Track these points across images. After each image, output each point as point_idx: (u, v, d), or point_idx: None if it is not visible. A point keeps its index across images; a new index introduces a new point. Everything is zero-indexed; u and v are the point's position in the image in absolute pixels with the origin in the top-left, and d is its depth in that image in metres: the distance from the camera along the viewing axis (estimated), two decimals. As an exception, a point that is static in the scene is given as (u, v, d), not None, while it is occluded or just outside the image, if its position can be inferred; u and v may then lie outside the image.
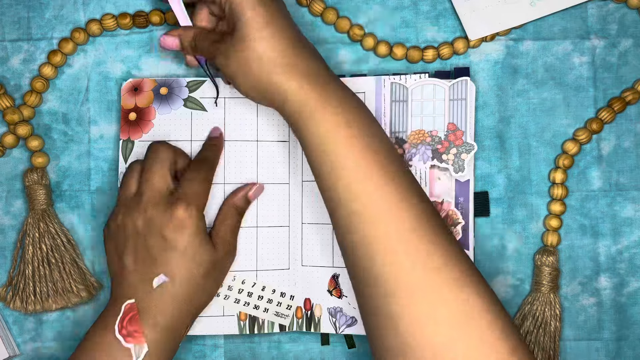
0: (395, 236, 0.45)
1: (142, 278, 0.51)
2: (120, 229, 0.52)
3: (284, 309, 0.57)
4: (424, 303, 0.43)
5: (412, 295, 0.43)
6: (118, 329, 0.50)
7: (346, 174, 0.47)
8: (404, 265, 0.44)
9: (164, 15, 0.59)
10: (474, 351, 0.42)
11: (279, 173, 0.58)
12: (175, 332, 0.51)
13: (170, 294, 0.51)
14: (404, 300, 0.43)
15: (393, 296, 0.44)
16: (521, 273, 0.58)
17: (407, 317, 0.43)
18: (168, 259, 0.51)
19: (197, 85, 0.58)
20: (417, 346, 0.43)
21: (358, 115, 0.48)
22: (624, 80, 0.58)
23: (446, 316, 0.43)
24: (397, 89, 0.58)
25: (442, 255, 0.44)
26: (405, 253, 0.44)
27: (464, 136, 0.57)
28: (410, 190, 0.47)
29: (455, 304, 0.43)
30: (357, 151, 0.47)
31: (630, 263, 0.58)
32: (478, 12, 0.58)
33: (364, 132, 0.48)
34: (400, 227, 0.45)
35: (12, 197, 0.59)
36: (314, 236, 0.58)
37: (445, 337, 0.42)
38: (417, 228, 0.45)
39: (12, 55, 0.60)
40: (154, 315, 0.50)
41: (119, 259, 0.52)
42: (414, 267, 0.44)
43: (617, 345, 0.58)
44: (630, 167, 0.58)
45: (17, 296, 0.58)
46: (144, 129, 0.58)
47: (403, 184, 0.47)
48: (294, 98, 0.49)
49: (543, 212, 0.58)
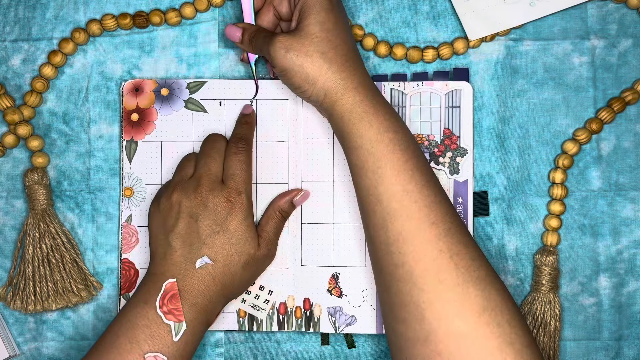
0: (430, 235, 0.48)
1: (187, 258, 0.52)
2: (174, 207, 0.53)
3: (261, 303, 0.58)
4: (451, 297, 0.47)
5: (442, 290, 0.47)
6: (159, 306, 0.51)
7: (389, 175, 0.50)
8: (436, 263, 0.47)
9: (164, 15, 0.59)
10: (492, 342, 0.45)
11: (279, 173, 0.58)
12: (210, 314, 0.53)
13: (212, 276, 0.52)
14: (433, 294, 0.47)
15: (422, 290, 0.47)
16: (521, 273, 0.58)
17: (435, 308, 0.47)
18: (214, 241, 0.52)
19: (198, 87, 0.59)
20: (443, 335, 0.46)
21: (401, 124, 0.52)
22: (624, 80, 0.58)
23: (471, 310, 0.46)
24: (396, 94, 0.58)
25: (470, 255, 0.48)
26: (438, 251, 0.48)
27: (458, 141, 0.57)
28: (443, 193, 0.50)
29: (479, 299, 0.46)
30: (401, 155, 0.50)
31: (629, 263, 0.58)
32: (478, 12, 0.58)
33: (406, 139, 0.51)
34: (435, 227, 0.48)
35: (12, 197, 0.59)
36: (313, 236, 0.58)
37: (468, 328, 0.46)
38: (451, 229, 0.48)
39: (13, 55, 0.60)
40: (195, 295, 0.52)
41: (165, 237, 0.53)
42: (447, 264, 0.47)
43: (617, 345, 0.58)
44: (629, 167, 0.58)
45: (17, 296, 0.58)
46: (147, 129, 0.58)
47: (437, 187, 0.50)
48: (348, 98, 0.51)
49: (543, 212, 0.58)
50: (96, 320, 0.59)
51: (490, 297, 0.47)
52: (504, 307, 0.47)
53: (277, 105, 0.58)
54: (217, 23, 0.60)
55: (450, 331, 0.46)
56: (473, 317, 0.46)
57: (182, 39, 0.60)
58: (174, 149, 0.59)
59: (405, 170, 0.49)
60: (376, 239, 0.50)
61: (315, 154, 0.58)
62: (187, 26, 0.60)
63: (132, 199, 0.58)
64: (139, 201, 0.58)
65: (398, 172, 0.49)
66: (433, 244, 0.48)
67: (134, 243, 0.58)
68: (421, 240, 0.48)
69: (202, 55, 0.60)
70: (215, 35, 0.60)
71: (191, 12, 0.59)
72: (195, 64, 0.60)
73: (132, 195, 0.58)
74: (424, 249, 0.48)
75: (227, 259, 0.53)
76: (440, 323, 0.46)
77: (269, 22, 0.57)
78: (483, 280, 0.47)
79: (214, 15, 0.60)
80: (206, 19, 0.60)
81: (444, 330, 0.46)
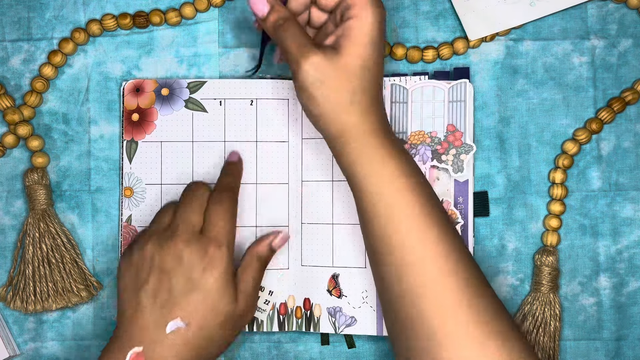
0: (448, 287, 0.45)
1: (157, 321, 0.48)
2: (146, 260, 0.49)
3: (262, 304, 0.57)
4: (471, 354, 0.44)
5: (460, 346, 0.44)
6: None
7: (404, 224, 0.46)
8: (454, 316, 0.44)
9: (164, 15, 0.59)
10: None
11: (279, 173, 0.58)
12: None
13: (184, 340, 0.48)
14: (452, 352, 0.44)
15: (440, 345, 0.44)
16: (521, 273, 0.58)
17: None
18: (189, 301, 0.48)
19: (198, 87, 0.59)
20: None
21: (416, 168, 0.48)
22: (624, 80, 0.58)
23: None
24: (397, 90, 0.58)
25: (490, 309, 0.45)
26: (457, 304, 0.45)
27: (463, 137, 0.57)
28: (460, 239, 0.47)
29: (498, 354, 0.44)
30: (416, 201, 0.46)
31: (629, 263, 0.58)
32: (478, 12, 0.58)
33: (422, 184, 0.47)
34: (453, 279, 0.45)
35: (12, 197, 0.59)
36: (313, 236, 0.58)
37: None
38: (469, 279, 0.45)
39: (13, 55, 0.60)
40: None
41: (134, 294, 0.49)
42: (466, 321, 0.44)
43: (617, 345, 0.58)
44: (630, 167, 0.58)
45: (17, 296, 0.58)
46: (147, 129, 0.58)
47: (454, 233, 0.47)
48: (364, 140, 0.47)
49: (543, 212, 0.58)
50: (96, 320, 0.59)
51: (512, 351, 0.44)
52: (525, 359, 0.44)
53: (277, 105, 0.58)
54: (217, 23, 0.60)
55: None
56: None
57: (182, 39, 0.60)
58: (174, 149, 0.59)
59: (421, 218, 0.46)
60: (389, 291, 0.47)
61: (315, 154, 0.58)
62: (187, 26, 0.60)
63: (132, 199, 0.58)
64: (139, 201, 0.58)
65: (413, 220, 0.46)
66: (451, 297, 0.44)
67: (134, 243, 0.58)
68: (438, 293, 0.45)
69: (202, 55, 0.60)
70: (215, 35, 0.60)
71: (191, 12, 0.59)
72: (195, 64, 0.60)
73: (132, 195, 0.58)
74: (442, 302, 0.45)
75: (202, 321, 0.48)
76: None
77: (301, 4, 0.51)
78: (503, 334, 0.44)
79: (214, 15, 0.60)
80: (206, 19, 0.60)
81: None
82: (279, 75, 0.59)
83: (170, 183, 0.58)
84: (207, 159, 0.58)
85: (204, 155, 0.58)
